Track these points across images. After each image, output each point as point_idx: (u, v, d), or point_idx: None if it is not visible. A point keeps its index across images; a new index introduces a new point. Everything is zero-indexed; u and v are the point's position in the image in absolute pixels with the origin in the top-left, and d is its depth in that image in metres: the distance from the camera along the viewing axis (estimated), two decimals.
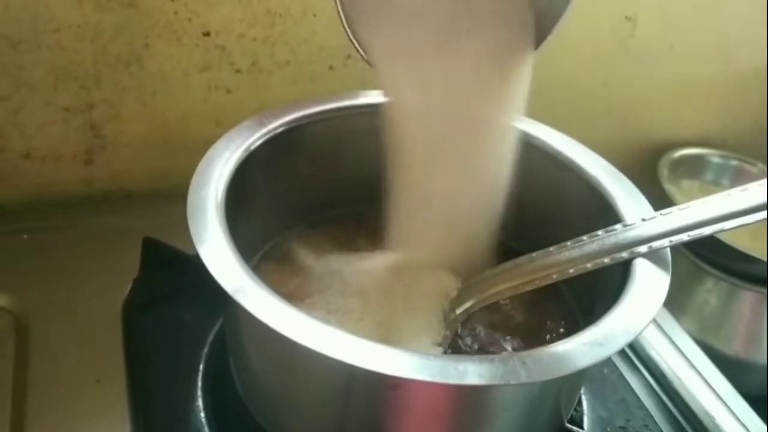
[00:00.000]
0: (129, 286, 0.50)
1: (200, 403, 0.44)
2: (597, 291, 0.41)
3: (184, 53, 0.57)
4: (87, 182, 0.60)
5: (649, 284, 0.37)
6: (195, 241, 0.36)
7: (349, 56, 0.62)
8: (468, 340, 0.43)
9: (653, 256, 0.39)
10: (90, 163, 0.59)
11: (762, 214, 0.38)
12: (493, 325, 0.44)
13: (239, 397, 0.42)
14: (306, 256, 0.48)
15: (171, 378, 0.45)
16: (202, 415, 0.43)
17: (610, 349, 0.33)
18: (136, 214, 0.57)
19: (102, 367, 0.46)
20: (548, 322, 0.45)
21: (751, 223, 0.39)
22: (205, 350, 0.47)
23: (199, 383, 0.45)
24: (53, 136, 0.57)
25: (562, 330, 0.45)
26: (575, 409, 0.46)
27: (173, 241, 0.50)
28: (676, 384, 0.51)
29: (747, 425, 0.49)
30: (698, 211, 0.39)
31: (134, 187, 0.62)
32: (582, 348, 0.33)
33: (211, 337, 0.48)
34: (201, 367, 0.46)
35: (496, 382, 0.31)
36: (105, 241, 0.55)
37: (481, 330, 0.44)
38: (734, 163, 0.80)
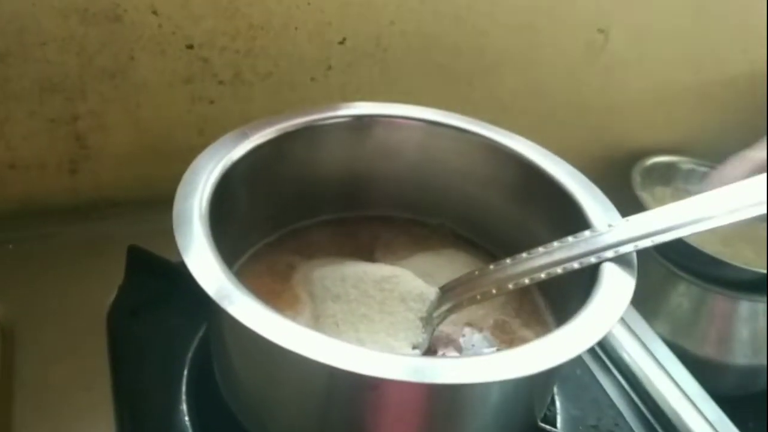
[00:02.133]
0: (114, 293, 0.51)
1: (184, 406, 0.44)
2: (568, 294, 0.43)
3: (168, 65, 0.57)
4: (72, 191, 0.60)
5: (616, 288, 0.38)
6: (181, 250, 0.36)
7: (329, 68, 0.62)
8: (445, 343, 0.44)
9: (620, 261, 0.40)
10: (75, 172, 0.60)
11: (717, 221, 0.40)
12: (469, 327, 0.46)
13: (223, 399, 0.43)
14: (287, 263, 0.48)
15: (156, 382, 0.46)
16: (186, 418, 0.44)
17: (577, 350, 0.34)
18: (121, 223, 0.57)
19: (88, 372, 0.46)
20: (521, 325, 0.46)
21: (707, 230, 0.40)
22: (190, 355, 0.47)
23: (184, 387, 0.45)
24: (38, 146, 0.57)
25: (533, 332, 0.46)
26: (549, 409, 0.47)
27: (157, 248, 0.50)
28: (646, 384, 0.52)
29: (714, 424, 0.50)
30: (661, 218, 0.41)
31: (119, 196, 0.62)
32: (550, 349, 0.34)
33: (195, 342, 0.48)
34: (185, 371, 0.46)
35: (468, 380, 0.32)
36: (90, 249, 0.55)
37: (457, 333, 0.45)
38: (703, 169, 0.81)
